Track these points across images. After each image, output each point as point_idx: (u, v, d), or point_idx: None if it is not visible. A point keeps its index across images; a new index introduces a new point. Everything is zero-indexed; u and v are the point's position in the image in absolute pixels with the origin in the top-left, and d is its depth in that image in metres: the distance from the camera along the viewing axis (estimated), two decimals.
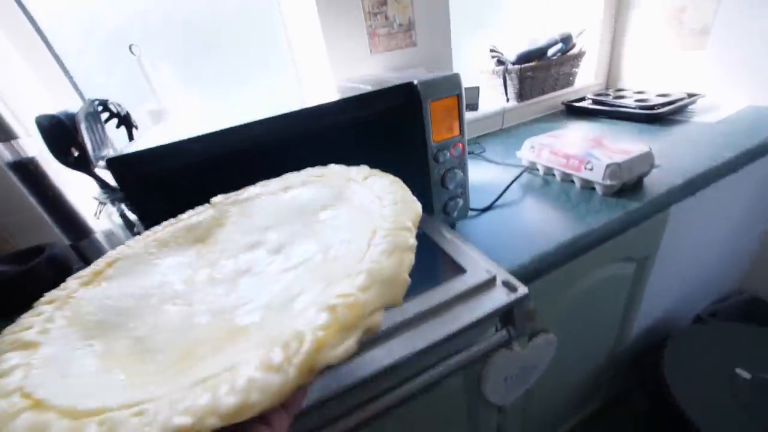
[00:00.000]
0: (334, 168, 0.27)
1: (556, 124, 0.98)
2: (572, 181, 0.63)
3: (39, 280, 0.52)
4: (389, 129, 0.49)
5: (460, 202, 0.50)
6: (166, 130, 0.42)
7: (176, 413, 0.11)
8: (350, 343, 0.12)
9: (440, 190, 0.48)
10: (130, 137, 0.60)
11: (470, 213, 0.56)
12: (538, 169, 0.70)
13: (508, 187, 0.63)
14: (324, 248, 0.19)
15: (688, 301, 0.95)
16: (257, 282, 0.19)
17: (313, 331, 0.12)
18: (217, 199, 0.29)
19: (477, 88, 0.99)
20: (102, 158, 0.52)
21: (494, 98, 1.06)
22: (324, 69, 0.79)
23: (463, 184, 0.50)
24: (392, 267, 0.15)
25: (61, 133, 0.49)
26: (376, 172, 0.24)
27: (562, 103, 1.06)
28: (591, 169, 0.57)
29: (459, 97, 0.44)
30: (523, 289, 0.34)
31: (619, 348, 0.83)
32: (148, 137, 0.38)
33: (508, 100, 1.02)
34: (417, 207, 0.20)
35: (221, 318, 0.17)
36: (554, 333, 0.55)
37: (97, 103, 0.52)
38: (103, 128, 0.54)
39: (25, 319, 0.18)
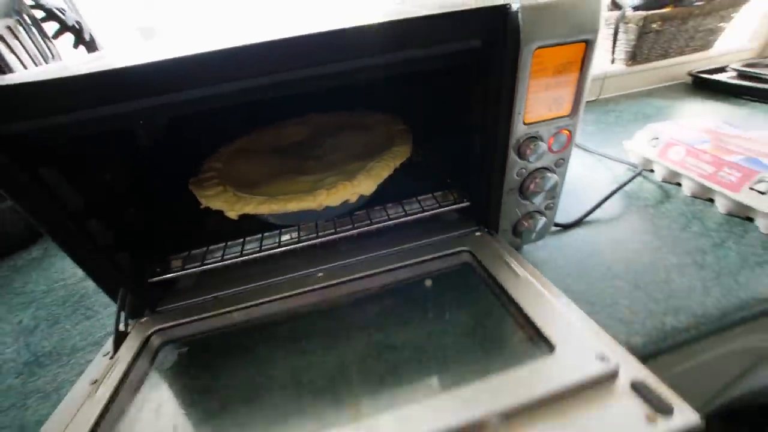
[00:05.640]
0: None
1: (674, 103, 0.71)
2: (710, 201, 0.42)
3: None
4: (445, 82, 0.30)
5: (542, 220, 0.32)
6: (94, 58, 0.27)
7: None
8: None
9: (515, 202, 0.30)
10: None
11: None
12: (652, 170, 0.48)
13: (609, 196, 0.42)
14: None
15: None
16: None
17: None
18: None
19: None
20: None
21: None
22: None
23: (555, 195, 0.31)
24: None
25: None
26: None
27: (689, 74, 0.77)
28: (764, 192, 0.36)
29: (589, 44, 0.24)
30: (687, 414, 0.16)
31: None
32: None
33: (613, 61, 0.75)
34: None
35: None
36: None
37: (31, 4, 0.37)
38: (46, 40, 0.40)
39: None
